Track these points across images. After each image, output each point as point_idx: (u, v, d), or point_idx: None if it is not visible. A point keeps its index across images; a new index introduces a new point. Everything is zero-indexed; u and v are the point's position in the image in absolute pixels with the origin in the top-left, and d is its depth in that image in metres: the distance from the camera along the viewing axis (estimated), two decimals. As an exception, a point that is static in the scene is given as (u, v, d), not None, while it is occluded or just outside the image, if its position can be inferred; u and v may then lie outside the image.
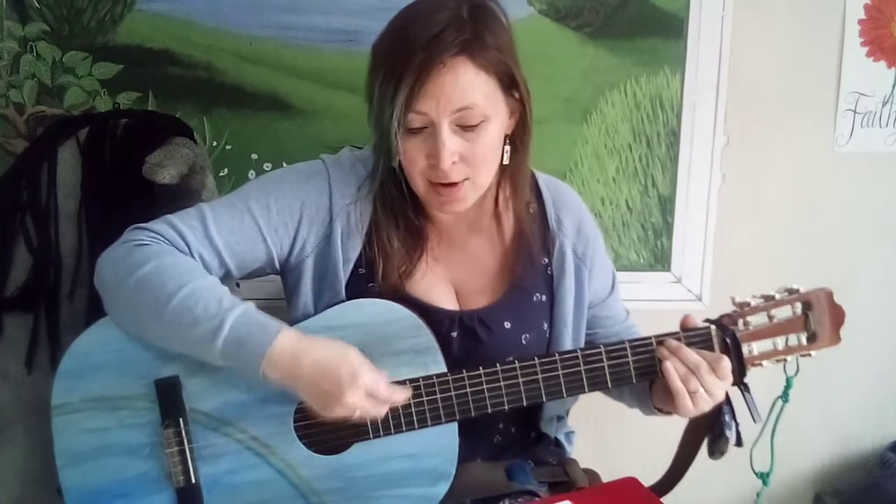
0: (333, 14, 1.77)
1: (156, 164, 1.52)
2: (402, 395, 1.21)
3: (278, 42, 1.79)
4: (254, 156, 1.83)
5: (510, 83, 1.24)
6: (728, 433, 1.32)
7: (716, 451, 1.35)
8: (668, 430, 1.46)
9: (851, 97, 1.95)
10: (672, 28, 1.87)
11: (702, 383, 1.23)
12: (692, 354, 1.25)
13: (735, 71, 1.90)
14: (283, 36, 1.79)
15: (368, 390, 1.17)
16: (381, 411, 1.19)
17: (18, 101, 1.77)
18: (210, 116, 1.81)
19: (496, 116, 1.23)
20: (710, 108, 1.91)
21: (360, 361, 1.18)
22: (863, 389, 2.12)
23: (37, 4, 1.74)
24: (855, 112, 1.95)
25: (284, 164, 1.72)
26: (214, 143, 1.82)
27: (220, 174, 1.82)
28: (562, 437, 1.51)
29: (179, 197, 1.59)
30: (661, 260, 1.99)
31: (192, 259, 1.25)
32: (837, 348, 2.00)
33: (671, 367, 1.24)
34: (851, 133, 1.97)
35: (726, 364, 1.24)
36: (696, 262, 1.99)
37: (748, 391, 1.28)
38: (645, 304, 1.53)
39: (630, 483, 1.32)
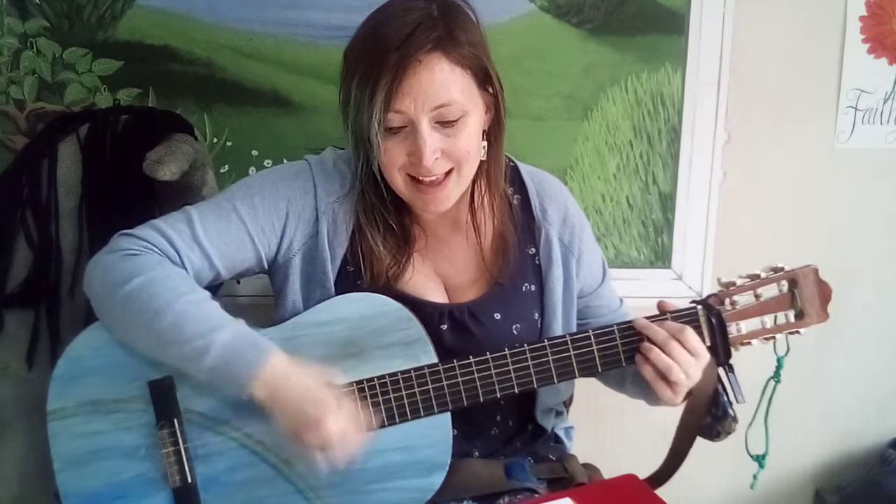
0: (333, 10, 1.77)
1: (156, 161, 1.52)
2: (371, 439, 1.21)
3: (279, 38, 1.79)
4: (254, 152, 1.83)
5: (484, 78, 1.25)
6: (731, 412, 1.32)
7: (721, 433, 1.35)
8: (668, 424, 1.46)
9: (852, 94, 1.94)
10: (673, 24, 1.87)
11: (676, 360, 1.23)
12: (659, 331, 1.24)
13: (736, 68, 1.89)
14: (283, 32, 1.79)
15: (350, 423, 1.17)
16: (347, 453, 1.18)
17: (19, 97, 1.77)
18: (210, 113, 1.81)
19: (474, 111, 1.24)
20: (711, 105, 1.91)
21: (344, 397, 1.19)
22: (863, 386, 2.12)
23: (37, 1, 1.74)
24: (856, 109, 1.95)
25: (285, 161, 1.71)
26: (215, 140, 1.82)
27: (221, 171, 1.82)
28: (561, 433, 1.51)
29: (180, 193, 1.59)
30: (661, 257, 1.99)
31: (182, 270, 1.25)
32: (838, 345, 2.03)
33: (642, 360, 1.25)
34: (852, 130, 1.96)
35: (690, 334, 1.23)
36: (696, 259, 1.99)
37: (732, 372, 1.29)
38: (646, 301, 1.53)
39: (630, 480, 1.32)
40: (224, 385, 1.20)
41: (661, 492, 1.37)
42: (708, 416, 1.36)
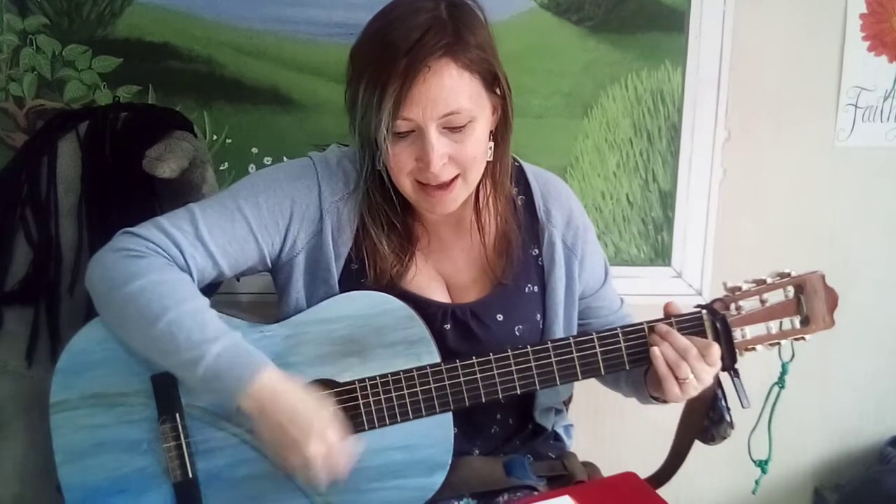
0: (334, 8, 1.77)
1: (156, 158, 1.52)
2: (347, 468, 1.20)
3: (279, 36, 1.79)
4: (254, 150, 1.83)
5: (492, 80, 1.24)
6: (728, 417, 1.32)
7: (716, 437, 1.35)
8: (668, 423, 1.46)
9: (853, 92, 1.94)
10: (673, 22, 1.87)
11: (692, 369, 1.23)
12: (682, 339, 1.25)
13: (736, 65, 1.89)
14: (283, 30, 1.79)
15: (332, 449, 1.17)
16: (327, 478, 1.18)
17: (18, 94, 1.77)
18: (210, 110, 1.81)
19: (482, 115, 1.23)
20: (712, 103, 1.91)
21: (332, 419, 1.19)
22: (863, 384, 2.12)
23: (37, -3, 1.74)
24: (856, 107, 1.95)
25: (285, 159, 1.72)
26: (214, 137, 1.82)
27: (221, 168, 1.82)
28: (561, 431, 1.51)
29: (179, 191, 1.59)
30: (661, 255, 1.99)
31: (184, 275, 1.24)
32: (838, 343, 2.03)
33: (658, 353, 1.24)
34: (852, 128, 1.96)
35: (716, 350, 1.24)
36: (696, 256, 1.99)
37: (738, 377, 1.28)
38: (645, 299, 1.53)
39: (629, 477, 1.32)
40: (213, 396, 1.21)
41: (660, 490, 1.37)
42: (705, 419, 1.36)
